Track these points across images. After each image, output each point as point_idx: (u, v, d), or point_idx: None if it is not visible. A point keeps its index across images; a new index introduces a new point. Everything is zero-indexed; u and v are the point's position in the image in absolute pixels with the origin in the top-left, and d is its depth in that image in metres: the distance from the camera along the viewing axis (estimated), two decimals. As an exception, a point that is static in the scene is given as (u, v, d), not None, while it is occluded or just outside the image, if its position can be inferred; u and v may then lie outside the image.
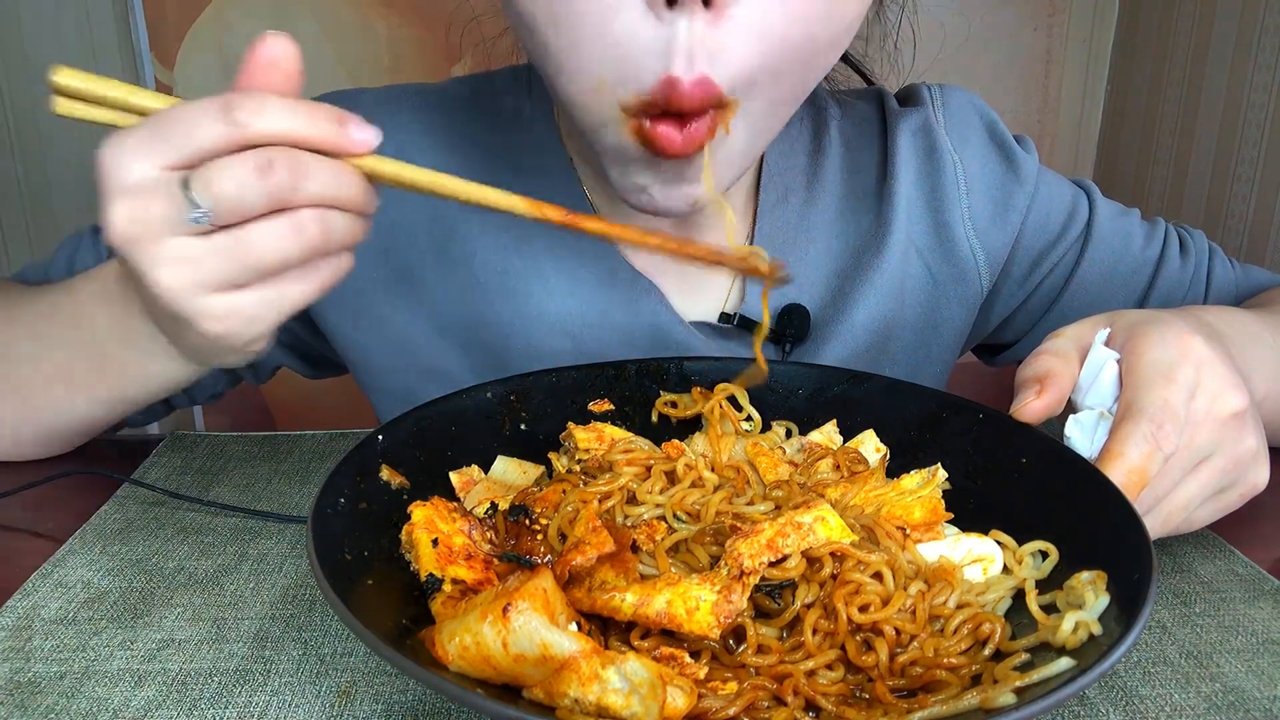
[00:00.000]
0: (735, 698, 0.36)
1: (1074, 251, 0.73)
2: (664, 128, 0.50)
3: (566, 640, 0.34)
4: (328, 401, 1.48)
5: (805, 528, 0.41)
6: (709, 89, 0.48)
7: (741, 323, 0.69)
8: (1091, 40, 1.57)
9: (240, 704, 0.42)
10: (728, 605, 0.38)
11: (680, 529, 0.45)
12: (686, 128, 0.50)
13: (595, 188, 0.69)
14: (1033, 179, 0.71)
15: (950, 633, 0.39)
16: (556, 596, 0.37)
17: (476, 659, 0.35)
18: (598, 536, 0.41)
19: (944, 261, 0.71)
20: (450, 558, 0.42)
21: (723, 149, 0.53)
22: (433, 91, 0.73)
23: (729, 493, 0.48)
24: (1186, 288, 0.74)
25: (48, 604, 0.49)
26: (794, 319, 0.69)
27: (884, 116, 0.73)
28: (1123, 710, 0.41)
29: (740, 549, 0.40)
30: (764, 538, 0.41)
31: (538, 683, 0.34)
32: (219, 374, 0.76)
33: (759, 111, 0.52)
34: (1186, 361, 0.47)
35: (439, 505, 0.45)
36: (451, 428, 0.52)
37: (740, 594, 0.38)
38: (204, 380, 0.76)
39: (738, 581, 0.39)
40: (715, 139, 0.51)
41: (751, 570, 0.40)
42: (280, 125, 0.40)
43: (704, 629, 0.37)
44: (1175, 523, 0.48)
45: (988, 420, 0.52)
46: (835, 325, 0.69)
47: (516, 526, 0.45)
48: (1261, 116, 1.15)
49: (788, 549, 0.41)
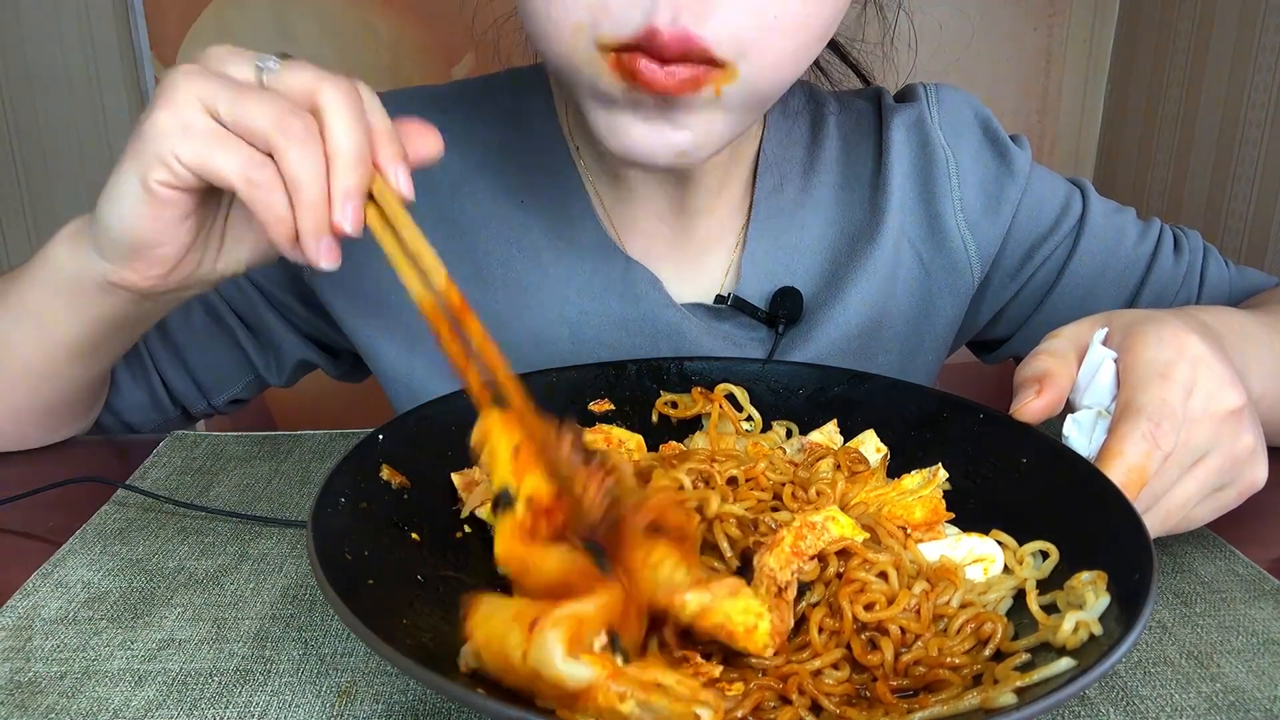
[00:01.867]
0: (743, 699, 0.36)
1: (1066, 245, 0.74)
2: (645, 61, 0.50)
3: (583, 671, 0.32)
4: (328, 401, 1.48)
5: (819, 527, 0.41)
6: (690, 41, 0.49)
7: (735, 303, 0.70)
8: (1091, 40, 1.57)
9: (240, 704, 0.42)
10: (782, 625, 0.38)
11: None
12: (668, 66, 0.50)
13: (598, 180, 0.70)
14: (1025, 173, 0.73)
15: (953, 632, 0.39)
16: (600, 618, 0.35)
17: (498, 655, 0.34)
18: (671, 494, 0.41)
19: (936, 252, 0.73)
20: (529, 465, 0.39)
21: (713, 108, 0.53)
22: (438, 94, 0.74)
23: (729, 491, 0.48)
24: (1179, 285, 0.74)
25: (48, 604, 0.49)
26: (787, 300, 0.70)
27: (880, 113, 0.75)
28: (1123, 710, 0.41)
29: (770, 563, 0.40)
30: (786, 545, 0.40)
31: (553, 700, 0.33)
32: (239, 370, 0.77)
33: (752, 79, 0.53)
34: (1183, 360, 0.48)
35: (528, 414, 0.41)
36: (452, 428, 0.52)
37: (786, 611, 0.38)
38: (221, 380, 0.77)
39: (779, 599, 0.39)
40: (704, 96, 0.52)
41: (787, 583, 0.40)
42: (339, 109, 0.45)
43: (758, 648, 0.37)
44: (1174, 521, 0.48)
45: (988, 420, 0.52)
46: (828, 309, 0.70)
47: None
48: (1261, 116, 1.15)
49: (810, 551, 0.41)
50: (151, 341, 0.74)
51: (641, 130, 0.54)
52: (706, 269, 0.72)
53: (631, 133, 0.54)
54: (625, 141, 0.55)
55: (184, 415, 0.79)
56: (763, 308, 0.70)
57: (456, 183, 0.70)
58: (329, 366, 0.81)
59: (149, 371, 0.75)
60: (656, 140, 0.54)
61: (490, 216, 0.70)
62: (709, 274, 0.72)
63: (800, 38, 0.53)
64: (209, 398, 0.78)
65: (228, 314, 0.74)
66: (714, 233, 0.71)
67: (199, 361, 0.76)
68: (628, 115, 0.54)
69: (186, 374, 0.76)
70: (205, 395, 0.77)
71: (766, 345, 0.71)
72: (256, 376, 0.78)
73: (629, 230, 0.70)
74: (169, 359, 0.75)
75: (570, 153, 0.70)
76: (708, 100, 0.52)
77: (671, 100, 0.52)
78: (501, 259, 0.70)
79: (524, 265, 0.70)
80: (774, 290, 0.70)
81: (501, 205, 0.70)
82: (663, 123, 0.53)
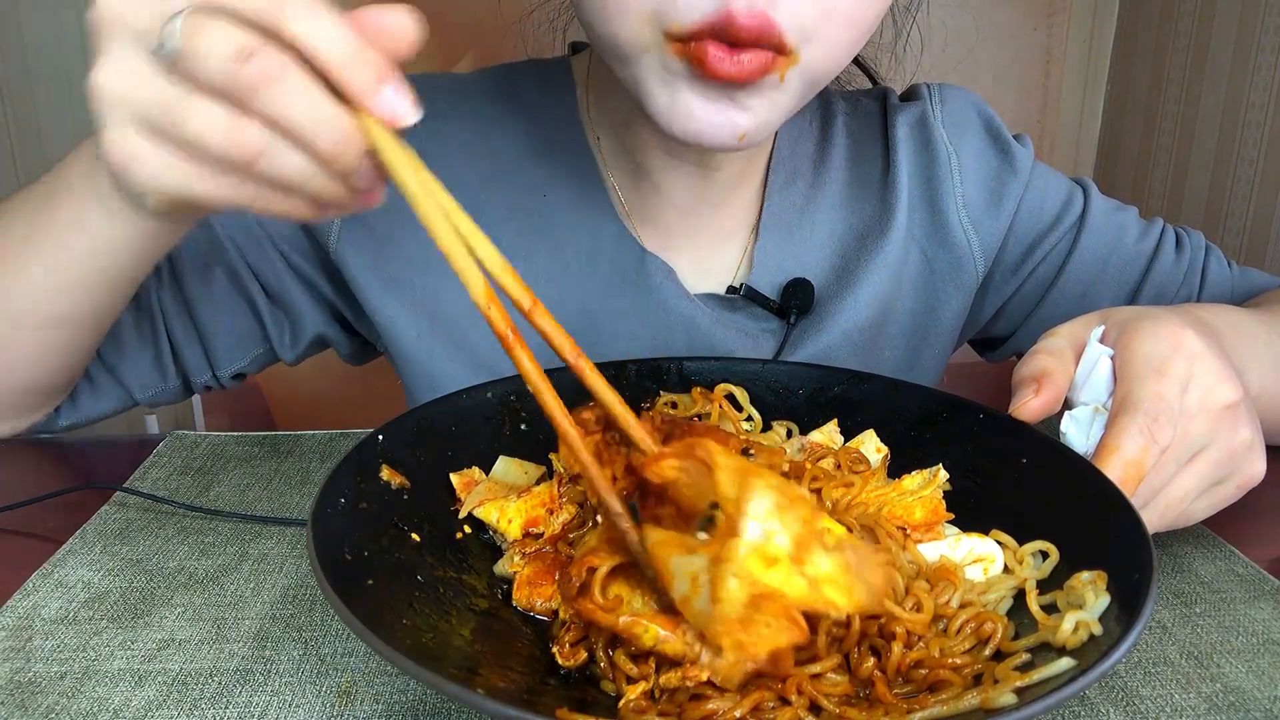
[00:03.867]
0: (742, 698, 0.36)
1: (1066, 242, 0.74)
2: (713, 48, 0.51)
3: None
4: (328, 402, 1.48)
5: None
6: (767, 25, 0.50)
7: (748, 294, 0.71)
8: (1091, 40, 1.57)
9: (240, 704, 0.42)
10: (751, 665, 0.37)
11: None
12: (737, 54, 0.51)
13: (615, 170, 0.71)
14: (1027, 170, 0.74)
15: (953, 632, 0.39)
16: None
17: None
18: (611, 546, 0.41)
19: (940, 249, 0.74)
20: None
21: (776, 90, 0.55)
22: (461, 81, 0.75)
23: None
24: (1180, 283, 0.75)
25: (48, 604, 0.49)
26: (799, 292, 0.71)
27: (885, 112, 0.76)
28: (1123, 710, 0.41)
29: None
30: None
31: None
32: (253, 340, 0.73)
33: (813, 67, 0.55)
34: (1179, 355, 0.48)
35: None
36: (452, 428, 0.52)
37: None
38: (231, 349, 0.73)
39: None
40: (769, 80, 0.53)
41: None
42: (305, 33, 0.36)
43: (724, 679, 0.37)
44: (1173, 516, 0.49)
45: (988, 420, 0.52)
46: (838, 302, 0.72)
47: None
48: (1261, 116, 1.15)
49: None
50: (166, 300, 0.70)
51: (706, 110, 0.55)
52: (720, 260, 0.73)
53: (695, 114, 0.55)
54: (689, 124, 0.55)
55: (184, 388, 0.74)
56: (774, 299, 0.71)
57: (486, 177, 0.71)
58: (342, 344, 0.78)
59: (158, 332, 0.70)
60: (722, 121, 0.55)
61: (516, 209, 0.71)
62: (722, 265, 0.73)
63: (854, 29, 0.55)
64: (215, 367, 0.73)
65: (249, 279, 0.71)
66: (728, 225, 0.73)
67: (212, 325, 0.71)
68: (692, 97, 0.54)
69: (197, 337, 0.72)
70: (211, 364, 0.73)
71: (778, 336, 0.72)
72: (268, 348, 0.74)
73: (646, 222, 0.72)
74: (181, 321, 0.71)
75: (590, 144, 0.71)
76: (771, 84, 0.54)
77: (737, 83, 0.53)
78: (526, 253, 0.71)
79: (546, 259, 0.71)
80: (785, 282, 0.72)
81: (526, 198, 0.71)
82: (727, 103, 0.54)
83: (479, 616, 0.42)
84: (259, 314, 0.72)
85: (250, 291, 0.71)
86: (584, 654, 0.40)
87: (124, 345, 0.70)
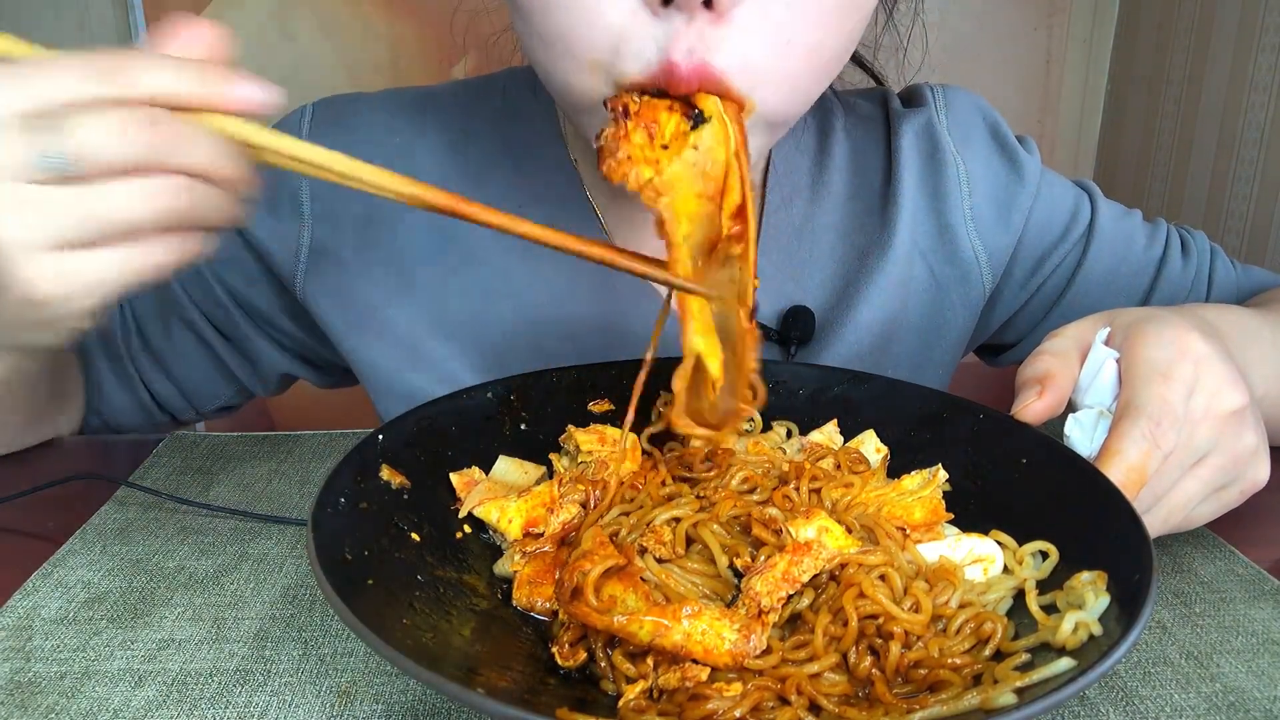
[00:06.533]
0: (741, 698, 0.36)
1: (1076, 253, 0.73)
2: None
3: None
4: (328, 402, 1.48)
5: (815, 547, 0.41)
6: (707, 74, 0.47)
7: None
8: (1091, 40, 1.57)
9: (240, 704, 0.42)
10: (746, 646, 0.37)
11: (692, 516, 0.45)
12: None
13: (596, 185, 0.69)
14: (1036, 180, 0.72)
15: (953, 632, 0.39)
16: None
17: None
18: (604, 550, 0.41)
19: (947, 262, 0.71)
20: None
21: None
22: (431, 94, 0.73)
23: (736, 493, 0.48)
24: (1188, 289, 0.74)
25: (48, 604, 0.49)
26: (799, 320, 0.69)
27: (887, 118, 0.73)
28: (1123, 710, 0.41)
29: (756, 587, 0.40)
30: (779, 571, 0.40)
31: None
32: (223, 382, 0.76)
33: (773, 110, 0.51)
34: (1185, 359, 0.47)
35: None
36: (452, 428, 0.52)
37: (760, 634, 0.38)
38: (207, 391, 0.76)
39: (757, 621, 0.39)
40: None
41: (770, 608, 0.39)
42: (148, 79, 0.38)
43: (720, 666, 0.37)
44: (1175, 521, 0.48)
45: (988, 420, 0.52)
46: (839, 326, 0.69)
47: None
48: (1261, 117, 1.15)
49: (803, 577, 0.40)
50: (136, 352, 0.73)
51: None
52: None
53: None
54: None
55: (174, 421, 0.78)
56: (774, 327, 0.69)
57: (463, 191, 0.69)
58: (313, 378, 0.80)
59: (134, 380, 0.74)
60: None
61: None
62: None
63: (817, 57, 0.51)
64: (197, 407, 0.77)
65: (206, 328, 0.72)
66: None
67: (183, 374, 0.75)
68: None
69: (172, 384, 0.75)
70: (193, 405, 0.77)
71: None
72: (242, 387, 0.77)
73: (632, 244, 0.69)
74: (154, 371, 0.74)
75: (570, 162, 0.69)
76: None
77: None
78: (502, 270, 0.68)
79: (525, 278, 0.68)
80: (785, 308, 0.69)
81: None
82: None
83: (479, 616, 0.42)
84: (222, 359, 0.75)
85: (207, 338, 0.73)
86: (583, 654, 0.40)
87: (104, 390, 0.74)
